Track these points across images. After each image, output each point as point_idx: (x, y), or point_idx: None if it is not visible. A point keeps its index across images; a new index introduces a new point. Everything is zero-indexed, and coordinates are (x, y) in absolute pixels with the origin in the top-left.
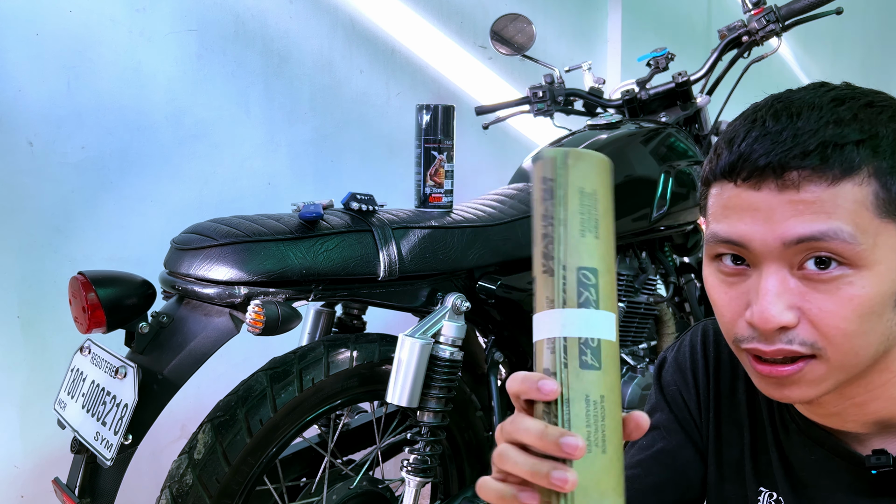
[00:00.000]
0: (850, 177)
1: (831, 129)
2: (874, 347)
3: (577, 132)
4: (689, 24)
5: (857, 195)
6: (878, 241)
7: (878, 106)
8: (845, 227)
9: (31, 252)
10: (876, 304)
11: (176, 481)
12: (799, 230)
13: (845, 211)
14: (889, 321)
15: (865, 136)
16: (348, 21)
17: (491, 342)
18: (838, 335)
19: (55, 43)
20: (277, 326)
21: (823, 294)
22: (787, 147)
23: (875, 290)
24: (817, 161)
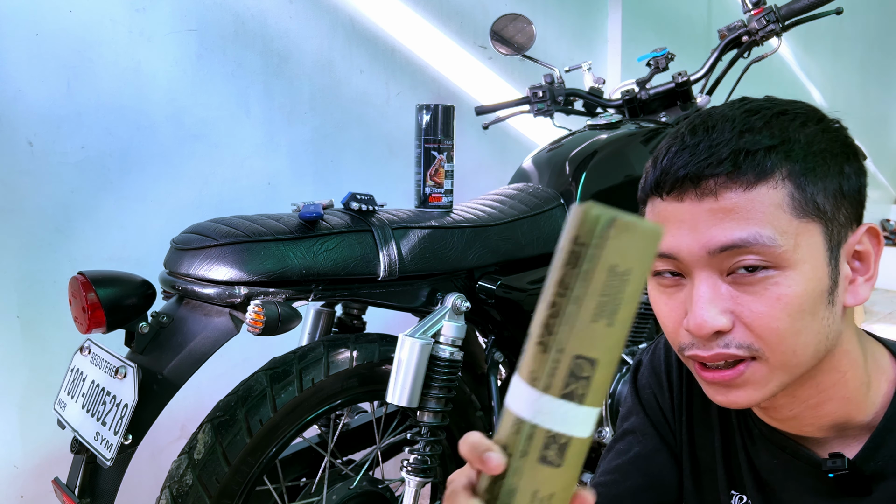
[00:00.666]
0: (765, 181)
1: (744, 138)
2: (812, 346)
3: (577, 132)
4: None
5: (773, 198)
6: (800, 241)
7: (790, 113)
8: (764, 231)
9: (31, 252)
10: (805, 303)
11: (176, 481)
12: (721, 238)
13: (763, 214)
14: (824, 319)
15: (777, 142)
16: (348, 21)
17: (491, 342)
18: (772, 335)
19: (55, 43)
20: (277, 326)
21: (753, 296)
22: (703, 157)
23: (802, 288)
24: (730, 168)
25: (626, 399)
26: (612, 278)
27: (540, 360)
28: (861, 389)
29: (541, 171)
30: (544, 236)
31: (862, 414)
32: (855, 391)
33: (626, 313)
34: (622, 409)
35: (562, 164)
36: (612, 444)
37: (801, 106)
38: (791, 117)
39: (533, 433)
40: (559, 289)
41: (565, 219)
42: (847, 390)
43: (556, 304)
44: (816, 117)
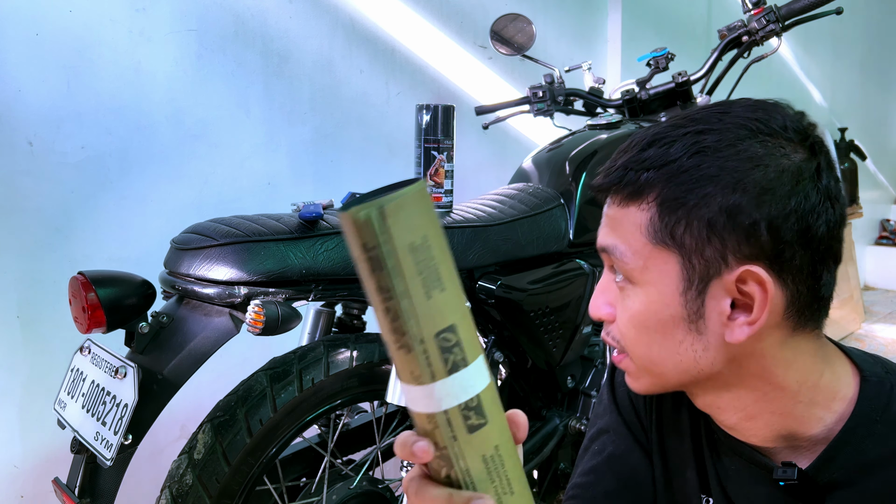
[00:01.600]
0: (636, 201)
1: (645, 152)
2: (671, 363)
3: (577, 132)
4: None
5: (636, 219)
6: (649, 265)
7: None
8: (620, 245)
9: (31, 252)
10: (649, 322)
11: (176, 481)
12: (600, 240)
13: (624, 231)
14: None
15: (660, 164)
16: (348, 21)
17: (491, 342)
18: (624, 339)
19: (55, 43)
20: (277, 326)
21: (620, 301)
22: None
23: (644, 308)
24: (616, 181)
25: (601, 396)
26: (418, 254)
27: (411, 360)
28: (800, 407)
29: (541, 171)
30: (544, 236)
31: (808, 428)
32: (791, 408)
33: (447, 270)
34: (598, 407)
35: (562, 164)
36: (587, 443)
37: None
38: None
39: (448, 417)
40: (383, 295)
41: (565, 218)
42: (782, 406)
43: (390, 310)
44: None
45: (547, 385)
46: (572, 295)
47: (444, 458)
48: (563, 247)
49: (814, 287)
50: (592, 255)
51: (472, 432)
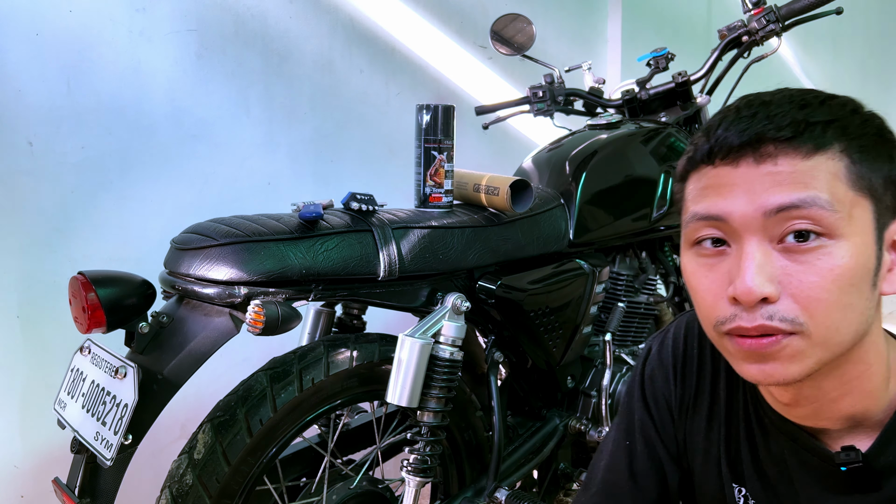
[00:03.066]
0: (823, 151)
1: (802, 111)
2: (855, 325)
3: (577, 132)
4: (689, 24)
5: (831, 167)
6: (853, 214)
7: (841, 98)
8: (822, 195)
9: (31, 252)
10: (855, 276)
11: (176, 481)
12: (779, 199)
13: (821, 181)
14: (868, 301)
15: (834, 118)
16: (348, 21)
17: (491, 342)
18: (820, 307)
19: (55, 43)
20: (277, 326)
21: (804, 266)
22: (762, 124)
23: (853, 261)
24: (790, 134)
25: (630, 387)
26: None
27: None
28: (882, 384)
29: (541, 171)
30: (544, 236)
31: (879, 409)
32: (877, 385)
33: None
34: (624, 399)
35: (562, 164)
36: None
37: (843, 97)
38: (843, 102)
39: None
40: None
41: (565, 218)
42: (870, 384)
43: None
44: (862, 107)
45: (547, 385)
46: (572, 295)
47: None
48: (563, 247)
49: None
50: (592, 255)
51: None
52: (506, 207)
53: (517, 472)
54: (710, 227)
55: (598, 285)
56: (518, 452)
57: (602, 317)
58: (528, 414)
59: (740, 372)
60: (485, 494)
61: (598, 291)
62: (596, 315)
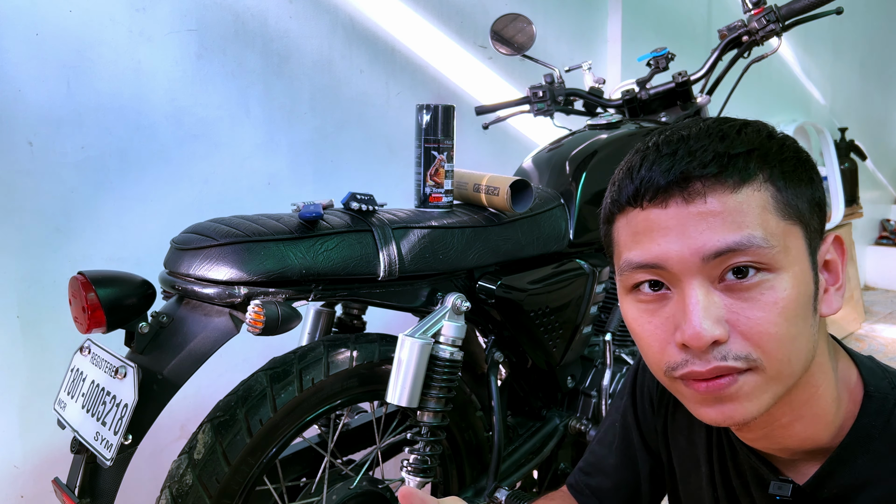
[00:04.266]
0: (749, 183)
1: (722, 143)
2: (804, 353)
3: (577, 132)
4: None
5: (759, 200)
6: (788, 244)
7: (753, 126)
8: (756, 234)
9: (31, 252)
10: (800, 306)
11: (176, 481)
12: (715, 244)
13: (752, 218)
14: (812, 326)
15: (753, 147)
16: (348, 21)
17: (491, 342)
18: (771, 342)
19: (55, 43)
20: (277, 326)
21: (748, 303)
22: (686, 161)
23: (796, 291)
24: (716, 169)
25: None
26: None
27: None
28: (831, 407)
29: (541, 171)
30: (544, 236)
31: (828, 434)
32: (825, 409)
33: None
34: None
35: (562, 164)
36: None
37: (757, 122)
38: (757, 128)
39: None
40: None
41: (565, 218)
42: (818, 407)
43: None
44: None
45: (547, 385)
46: (572, 295)
47: None
48: (563, 247)
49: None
50: (592, 255)
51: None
52: (506, 207)
53: (517, 472)
54: (647, 273)
55: (598, 285)
56: (518, 452)
57: (602, 317)
58: (528, 414)
59: (697, 415)
60: (485, 494)
61: (598, 291)
62: (596, 315)
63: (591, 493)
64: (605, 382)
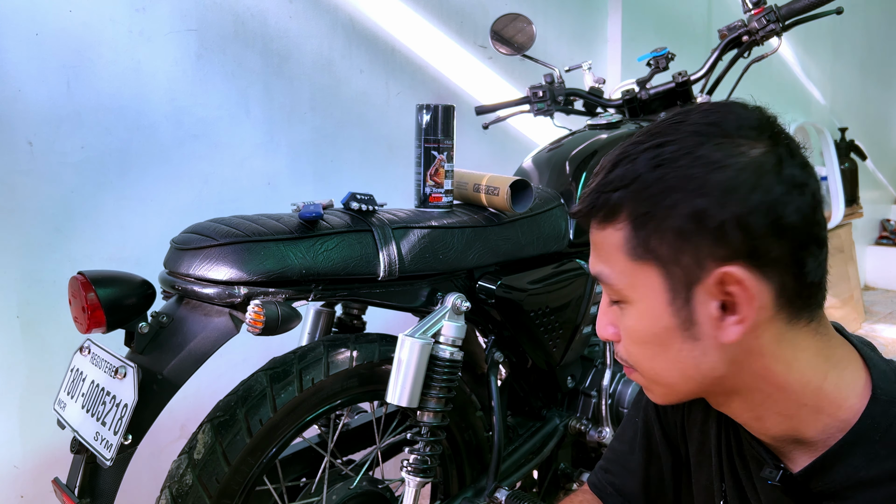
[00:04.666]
0: (611, 222)
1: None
2: (675, 372)
3: (577, 132)
4: (689, 24)
5: (614, 239)
6: (635, 282)
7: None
8: (605, 269)
9: (31, 252)
10: (646, 336)
11: (176, 481)
12: (590, 266)
13: (607, 254)
14: (682, 352)
15: (627, 182)
16: (348, 21)
17: (491, 342)
18: (629, 356)
19: (55, 43)
20: (277, 326)
21: (620, 320)
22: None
23: (641, 323)
24: (589, 207)
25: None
26: None
27: None
28: (805, 411)
29: (541, 171)
30: (544, 236)
31: (812, 430)
32: (797, 408)
33: None
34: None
35: (562, 164)
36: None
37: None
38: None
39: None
40: None
41: (565, 219)
42: (786, 407)
43: None
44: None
45: (547, 385)
46: (572, 295)
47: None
48: (563, 247)
49: (799, 275)
50: None
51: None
52: (506, 207)
53: (517, 472)
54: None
55: (598, 285)
56: (518, 452)
57: None
58: (528, 414)
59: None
60: (485, 494)
61: (598, 291)
62: (596, 315)
63: (616, 491)
64: (605, 382)
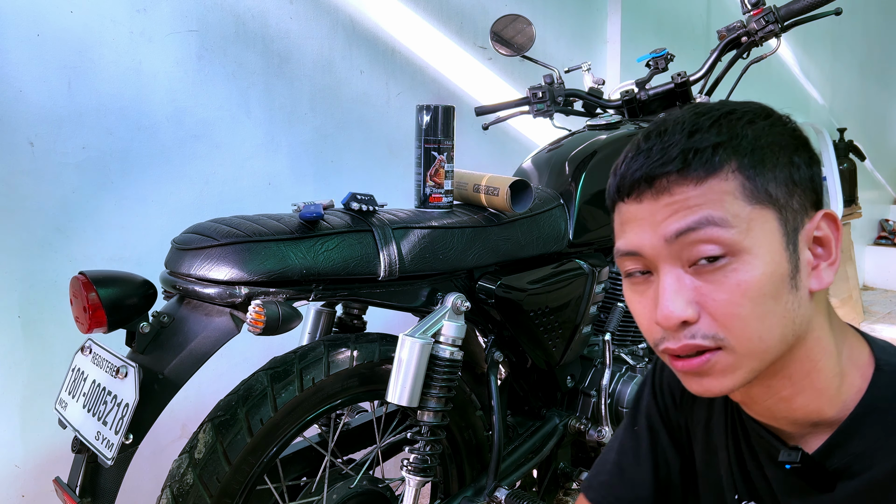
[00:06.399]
0: (714, 175)
1: (693, 137)
2: (778, 330)
3: (577, 132)
4: (689, 24)
5: (724, 188)
6: (752, 226)
7: (738, 112)
8: (715, 213)
9: (32, 252)
10: (765, 287)
11: (176, 481)
12: (675, 226)
13: (714, 202)
14: (788, 304)
15: (724, 139)
16: (348, 21)
17: (491, 342)
18: (735, 322)
19: (56, 43)
20: (278, 326)
21: (715, 285)
22: (655, 159)
23: (760, 272)
24: (680, 165)
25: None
26: None
27: None
28: (833, 381)
29: (541, 171)
30: (544, 236)
31: (833, 408)
32: (827, 383)
33: None
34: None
35: (562, 164)
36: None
37: (750, 105)
38: (738, 116)
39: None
40: None
41: (565, 219)
42: (819, 381)
43: None
44: (764, 114)
45: (547, 385)
46: (572, 295)
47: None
48: (563, 247)
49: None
50: (592, 255)
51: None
52: (506, 207)
53: (517, 471)
54: (632, 261)
55: (598, 285)
56: (518, 452)
57: (602, 317)
58: (527, 413)
59: (684, 384)
60: (485, 494)
61: (598, 291)
62: (595, 315)
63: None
64: (605, 382)
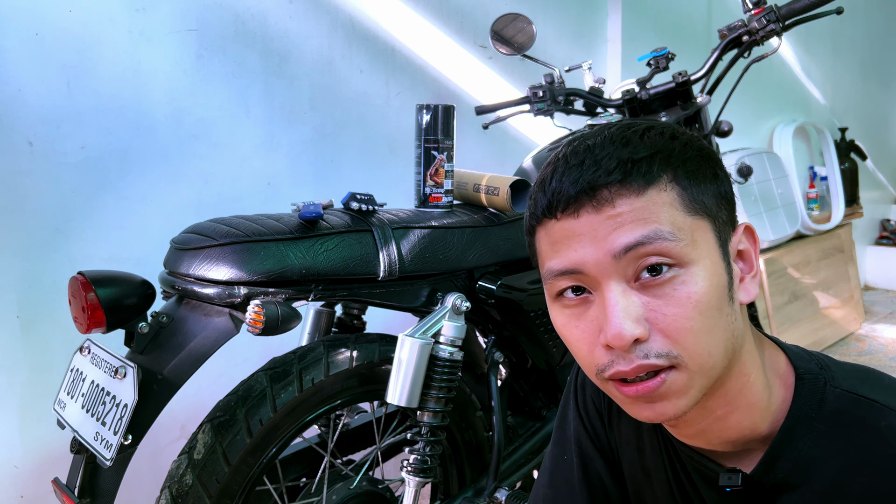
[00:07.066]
0: (653, 185)
1: (625, 150)
2: (723, 345)
3: (577, 132)
4: (689, 24)
5: (665, 198)
6: (696, 237)
7: (658, 127)
8: (664, 227)
9: (31, 252)
10: (713, 298)
11: (176, 481)
12: (624, 240)
13: (659, 214)
14: (728, 316)
15: (656, 150)
16: (348, 21)
17: (491, 342)
18: (688, 336)
19: (55, 43)
20: (277, 326)
21: (663, 300)
22: (592, 171)
23: (707, 283)
24: (620, 176)
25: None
26: None
27: None
28: (763, 394)
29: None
30: None
31: (765, 423)
32: (759, 396)
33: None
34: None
35: None
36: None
37: (662, 124)
38: (659, 131)
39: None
40: None
41: None
42: (752, 396)
43: None
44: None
45: (547, 385)
46: None
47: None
48: None
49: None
50: None
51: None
52: (506, 207)
53: (517, 472)
54: (568, 280)
55: None
56: (518, 452)
57: None
58: (528, 414)
59: (631, 413)
60: (485, 494)
61: None
62: None
63: None
64: None
